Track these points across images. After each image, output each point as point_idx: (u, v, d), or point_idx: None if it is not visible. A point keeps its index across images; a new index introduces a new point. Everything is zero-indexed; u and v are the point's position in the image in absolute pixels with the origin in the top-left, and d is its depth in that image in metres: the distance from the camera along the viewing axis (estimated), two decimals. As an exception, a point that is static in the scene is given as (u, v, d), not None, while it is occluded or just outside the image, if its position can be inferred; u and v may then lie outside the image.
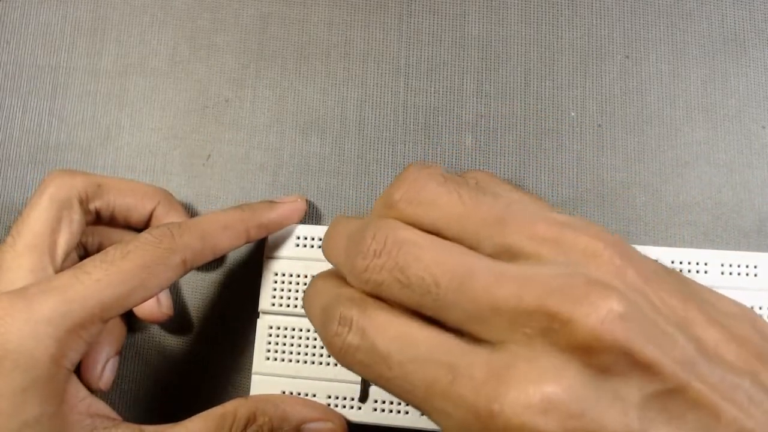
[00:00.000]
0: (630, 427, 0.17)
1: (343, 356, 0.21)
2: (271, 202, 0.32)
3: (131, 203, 0.33)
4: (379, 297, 0.21)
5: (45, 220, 0.30)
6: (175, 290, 0.35)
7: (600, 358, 0.17)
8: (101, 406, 0.27)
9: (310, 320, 0.24)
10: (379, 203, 0.23)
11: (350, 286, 0.22)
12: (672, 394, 0.17)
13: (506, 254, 0.20)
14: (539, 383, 0.17)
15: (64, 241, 0.30)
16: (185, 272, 0.28)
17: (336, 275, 0.24)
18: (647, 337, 0.17)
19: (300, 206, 0.33)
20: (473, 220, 0.20)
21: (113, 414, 0.27)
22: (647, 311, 0.18)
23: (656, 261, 0.21)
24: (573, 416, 0.17)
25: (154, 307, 0.33)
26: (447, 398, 0.18)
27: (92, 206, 0.32)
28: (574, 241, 0.19)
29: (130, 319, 0.35)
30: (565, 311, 0.17)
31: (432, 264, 0.20)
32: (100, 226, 0.33)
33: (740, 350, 0.18)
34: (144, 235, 0.27)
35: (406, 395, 0.20)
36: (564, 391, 0.17)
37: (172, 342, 0.35)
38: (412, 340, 0.20)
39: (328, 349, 0.21)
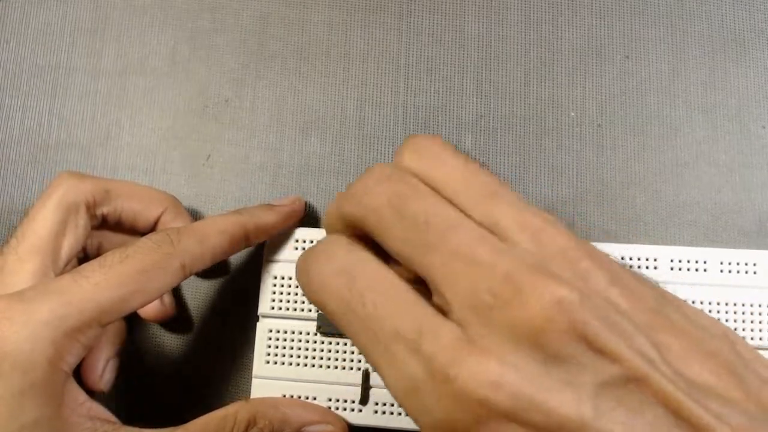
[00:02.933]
0: (582, 414, 0.17)
1: (316, 284, 0.21)
2: (270, 205, 0.32)
3: (138, 209, 0.32)
4: (363, 228, 0.21)
5: (50, 223, 0.30)
6: (175, 293, 0.35)
7: (552, 340, 0.17)
8: (101, 410, 0.27)
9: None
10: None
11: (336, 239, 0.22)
12: (629, 385, 0.17)
13: (490, 228, 0.20)
14: (493, 360, 0.17)
15: (68, 245, 0.30)
16: (184, 277, 0.28)
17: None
18: (604, 326, 0.17)
19: (298, 208, 0.33)
20: (471, 186, 0.21)
21: (112, 417, 0.27)
22: (606, 309, 0.18)
23: (636, 274, 0.20)
24: (521, 397, 0.17)
25: (157, 305, 0.33)
26: (410, 350, 0.19)
27: (99, 211, 0.31)
28: (552, 238, 0.19)
29: (130, 321, 0.35)
30: (525, 288, 0.18)
31: (428, 204, 0.20)
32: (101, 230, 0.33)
33: (708, 362, 0.18)
34: (143, 240, 0.27)
35: (369, 336, 0.20)
36: (514, 372, 0.17)
37: (173, 344, 0.35)
38: (390, 285, 0.20)
39: (299, 277, 0.22)
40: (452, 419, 0.18)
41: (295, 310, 0.31)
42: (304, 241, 0.32)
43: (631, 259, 0.32)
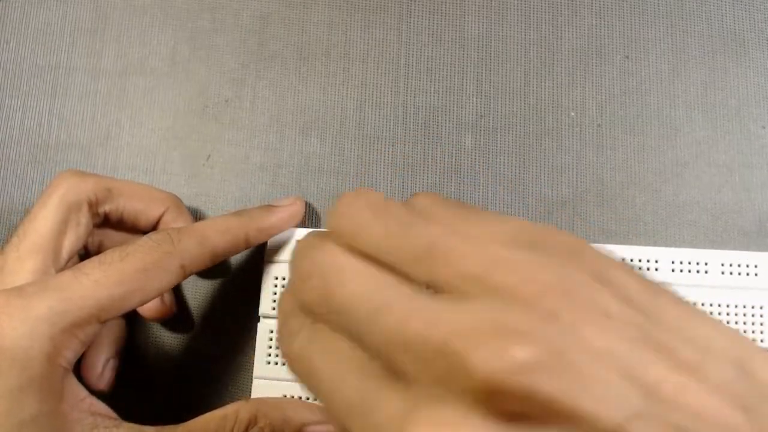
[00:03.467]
0: None
1: (291, 359, 0.21)
2: (270, 206, 0.32)
3: (140, 208, 0.33)
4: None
5: (52, 222, 0.30)
6: (176, 293, 0.35)
7: (506, 405, 0.15)
8: (102, 406, 0.27)
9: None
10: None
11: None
12: None
13: (434, 288, 0.18)
14: (439, 429, 0.16)
15: (69, 243, 0.30)
16: (184, 277, 0.28)
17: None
18: (568, 384, 0.15)
19: (298, 209, 0.33)
20: (402, 252, 0.19)
21: (113, 414, 0.27)
22: (574, 357, 0.16)
23: (628, 283, 0.18)
24: None
25: (157, 303, 0.33)
26: (362, 425, 0.18)
27: (101, 210, 0.32)
28: (502, 280, 0.17)
29: (130, 321, 0.35)
30: (465, 354, 0.16)
31: (352, 291, 0.19)
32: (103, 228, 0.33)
33: (712, 398, 0.16)
34: (144, 238, 0.27)
35: (330, 410, 0.19)
36: None
37: (174, 344, 0.35)
38: (341, 359, 0.19)
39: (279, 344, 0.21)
40: None
41: (296, 309, 0.31)
42: (305, 241, 0.32)
43: (632, 260, 0.32)
